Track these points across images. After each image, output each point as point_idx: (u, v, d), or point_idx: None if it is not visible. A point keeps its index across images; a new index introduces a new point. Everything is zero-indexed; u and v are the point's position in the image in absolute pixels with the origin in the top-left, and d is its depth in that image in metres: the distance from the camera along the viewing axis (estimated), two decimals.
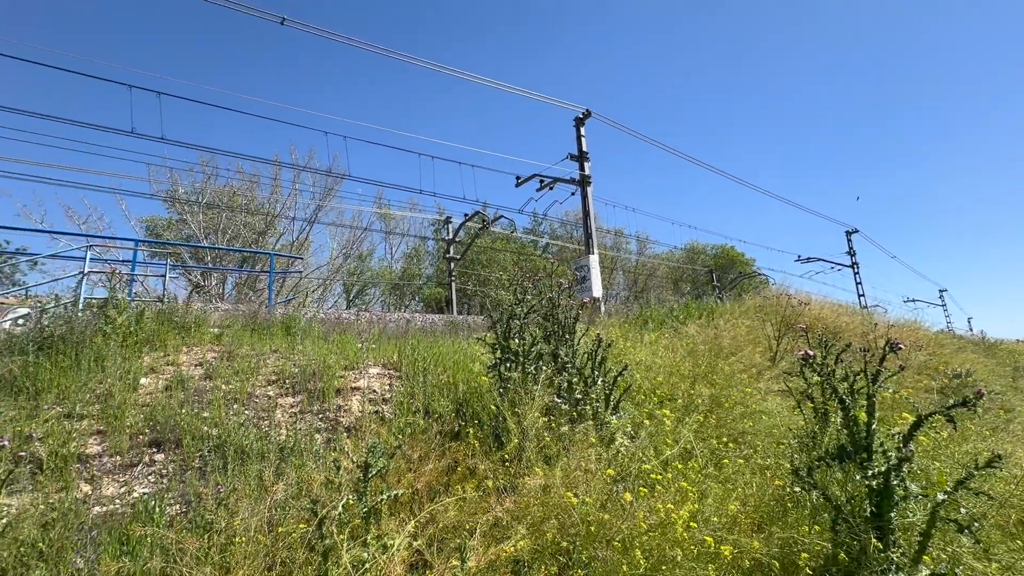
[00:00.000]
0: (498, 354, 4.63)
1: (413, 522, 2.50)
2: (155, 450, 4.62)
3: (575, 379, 4.16)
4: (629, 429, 3.48)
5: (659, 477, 2.67)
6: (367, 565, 2.28)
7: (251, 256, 20.28)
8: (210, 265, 19.19)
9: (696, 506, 2.47)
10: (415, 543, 2.51)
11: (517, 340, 4.49)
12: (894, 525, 2.17)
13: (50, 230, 16.63)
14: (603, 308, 13.87)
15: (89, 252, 7.21)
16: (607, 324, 8.62)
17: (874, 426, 2.35)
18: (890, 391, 3.87)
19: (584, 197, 15.39)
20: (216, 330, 7.47)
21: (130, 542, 3.24)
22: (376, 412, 5.36)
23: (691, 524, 2.18)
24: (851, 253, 31.93)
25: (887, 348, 2.56)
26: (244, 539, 2.51)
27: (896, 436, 2.37)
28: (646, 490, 2.64)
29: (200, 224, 20.22)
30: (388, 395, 5.82)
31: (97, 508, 3.94)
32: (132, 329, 6.51)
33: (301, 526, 2.53)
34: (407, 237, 30.19)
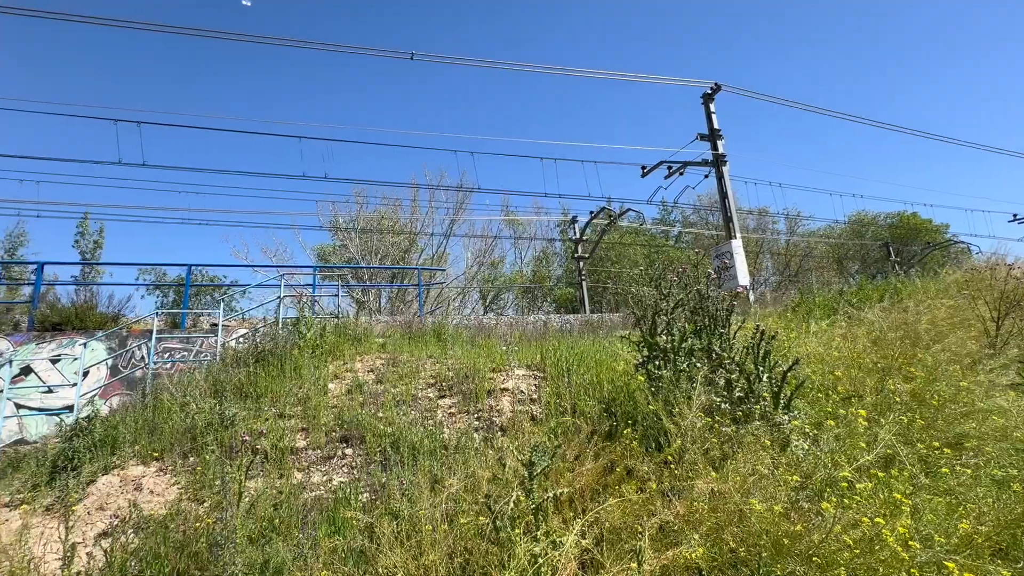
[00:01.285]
0: (645, 352, 4.48)
1: (581, 521, 2.53)
2: (345, 445, 5.38)
3: (735, 376, 3.84)
4: (807, 430, 3.10)
5: (859, 487, 2.33)
6: (540, 560, 2.36)
7: (399, 272, 22.54)
8: (368, 283, 21.76)
9: (910, 521, 2.10)
10: (583, 542, 2.53)
11: (665, 336, 4.30)
12: None
13: (251, 264, 20.43)
14: (751, 297, 12.63)
15: (283, 280, 8.69)
16: (761, 314, 7.83)
17: None
18: None
19: (720, 178, 14.21)
20: (380, 340, 8.44)
21: (336, 523, 3.81)
22: (526, 412, 5.56)
23: (910, 542, 1.85)
24: None
25: None
26: (430, 527, 2.79)
27: None
28: (835, 500, 2.32)
29: (358, 247, 23.09)
30: (535, 395, 6.00)
31: (308, 493, 4.69)
32: (318, 342, 7.68)
33: (480, 519, 2.72)
34: (535, 241, 30.92)
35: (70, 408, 7.76)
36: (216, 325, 9.26)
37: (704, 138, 14.61)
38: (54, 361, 8.17)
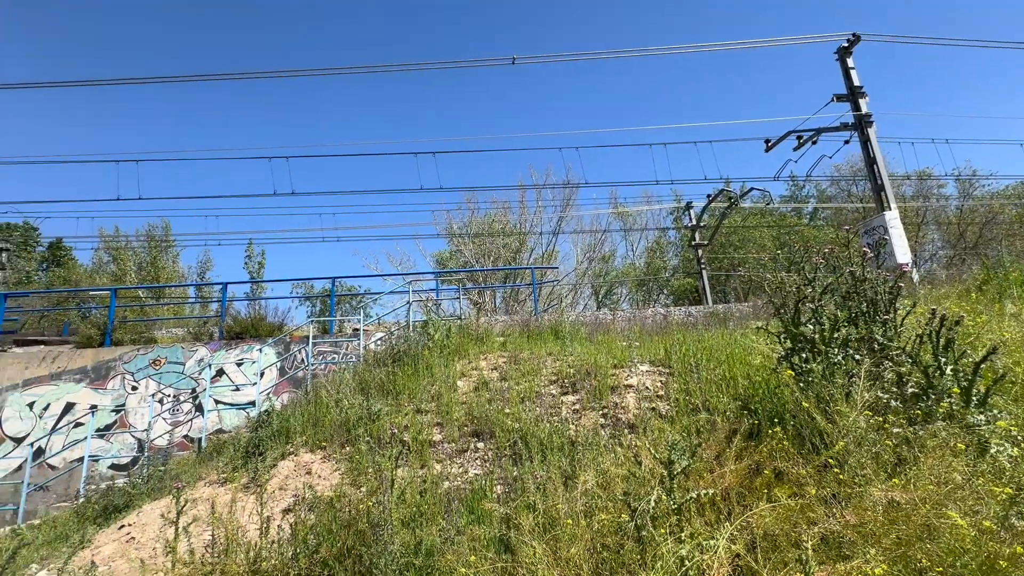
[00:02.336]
0: (787, 344, 4.06)
1: (730, 525, 2.38)
2: (476, 439, 5.67)
3: (906, 369, 3.31)
4: (1016, 433, 2.56)
5: None
6: (687, 563, 2.26)
7: (511, 273, 23.18)
8: (483, 285, 22.73)
9: None
10: (733, 547, 2.38)
11: (812, 326, 3.85)
12: None
13: (381, 273, 22.51)
14: (915, 276, 10.79)
15: (410, 287, 9.46)
16: (933, 296, 6.65)
17: None
18: None
19: (865, 142, 12.37)
20: (500, 339, 8.76)
21: (476, 512, 4.03)
22: (653, 409, 5.37)
23: None
24: None
25: None
26: (570, 521, 2.83)
27: None
28: None
29: (472, 251, 24.24)
30: (661, 392, 5.77)
31: (447, 483, 5.03)
32: (445, 343, 8.20)
33: (623, 516, 2.69)
34: (646, 231, 29.76)
35: (252, 403, 9.24)
36: (357, 330, 10.35)
37: (842, 99, 12.83)
38: (239, 364, 9.78)
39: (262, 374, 9.60)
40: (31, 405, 9.30)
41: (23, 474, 8.58)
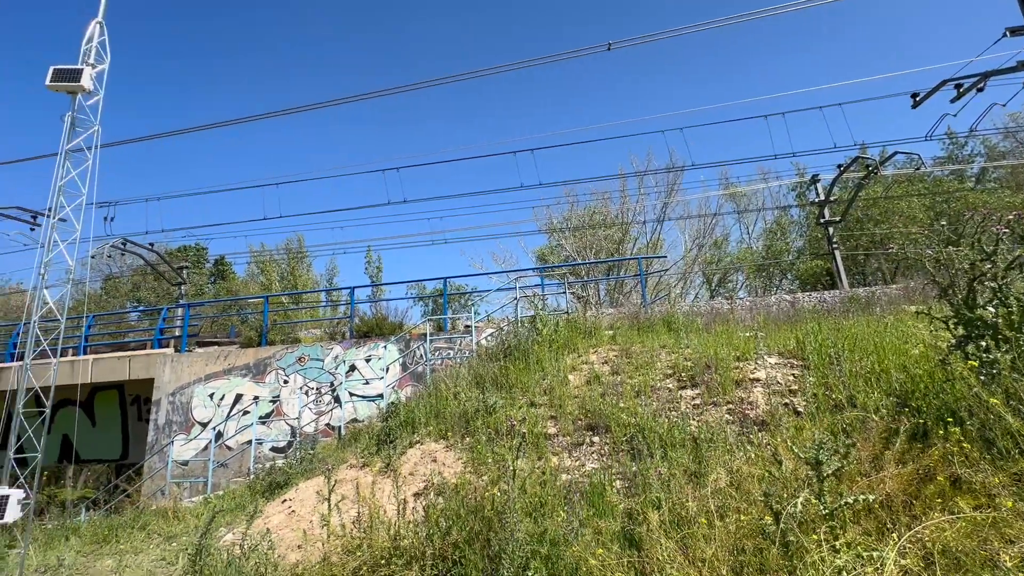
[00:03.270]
0: (960, 330, 3.47)
1: (900, 537, 2.09)
2: (591, 433, 5.64)
3: None
4: None
5: None
6: (845, 574, 2.04)
7: (614, 265, 22.62)
8: (586, 278, 22.50)
9: None
10: (903, 561, 2.09)
11: (994, 308, 3.24)
12: None
13: (486, 272, 23.32)
14: None
15: (516, 283, 9.67)
16: None
17: None
18: None
19: None
20: (610, 332, 8.60)
21: (597, 506, 4.02)
22: (786, 405, 4.91)
23: None
24: None
25: None
26: (704, 520, 2.70)
27: None
28: None
29: (573, 245, 24.09)
30: (794, 386, 5.25)
31: (564, 476, 5.07)
32: (554, 337, 8.27)
33: (765, 519, 2.51)
34: (764, 211, 27.23)
35: (380, 396, 10.14)
36: (469, 327, 10.84)
37: (1017, 32, 10.57)
38: (367, 360, 10.77)
39: (387, 369, 10.48)
40: (211, 395, 11.14)
41: (209, 453, 10.33)
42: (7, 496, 4.76)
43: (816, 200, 18.64)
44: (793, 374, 5.47)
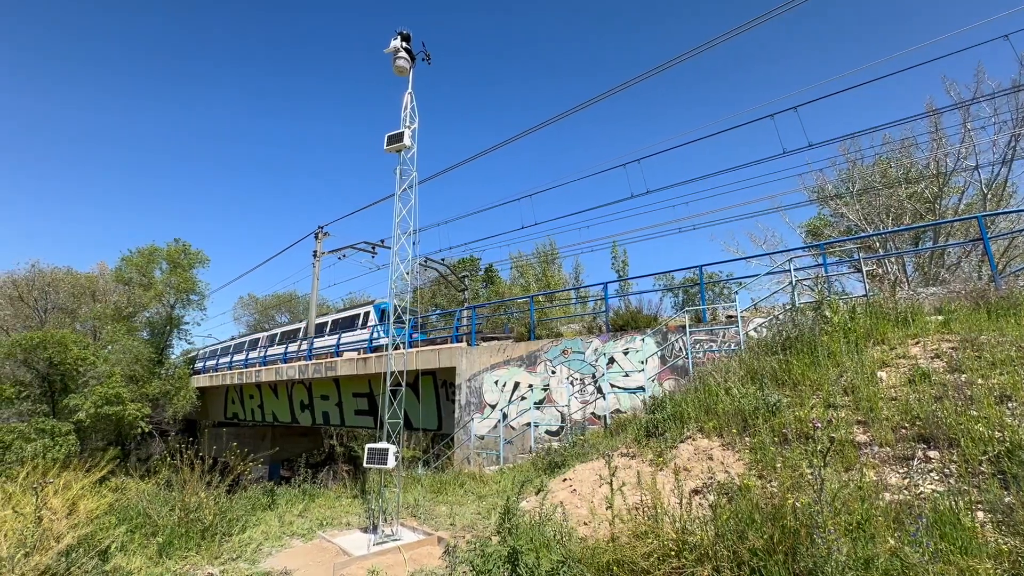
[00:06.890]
0: None
1: None
2: (925, 447, 4.44)
3: None
4: None
5: None
6: None
7: (925, 230, 17.34)
8: (883, 253, 17.92)
9: None
10: None
11: None
12: None
13: (745, 256, 20.95)
14: None
15: (791, 265, 8.37)
16: None
17: None
18: None
19: None
20: (938, 317, 6.63)
21: (949, 538, 3.14)
22: None
23: None
24: None
25: None
26: None
27: None
28: None
29: (857, 213, 19.50)
30: None
31: (887, 495, 4.13)
32: (849, 326, 6.84)
33: None
34: None
35: (641, 388, 10.21)
36: (731, 317, 9.94)
37: None
38: (625, 353, 10.99)
39: (645, 362, 10.48)
40: (496, 382, 13.16)
41: (498, 431, 12.22)
42: (387, 449, 6.61)
43: None
44: None
